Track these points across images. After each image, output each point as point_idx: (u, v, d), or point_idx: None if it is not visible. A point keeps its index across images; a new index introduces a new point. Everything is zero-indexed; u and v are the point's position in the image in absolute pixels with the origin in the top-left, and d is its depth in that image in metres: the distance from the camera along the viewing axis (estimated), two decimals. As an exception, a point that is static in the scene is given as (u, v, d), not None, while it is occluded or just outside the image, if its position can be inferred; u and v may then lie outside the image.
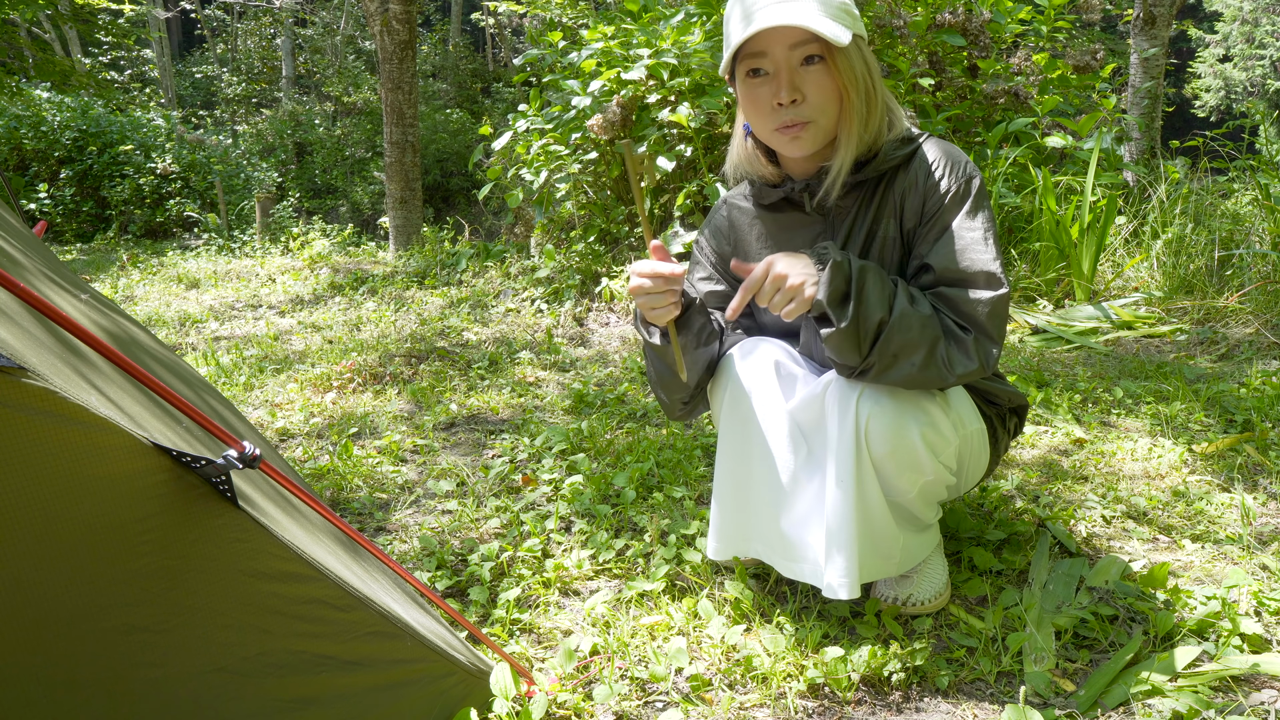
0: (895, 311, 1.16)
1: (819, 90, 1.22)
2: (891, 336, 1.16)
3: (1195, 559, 1.55)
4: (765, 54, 1.21)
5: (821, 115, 1.23)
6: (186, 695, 0.81)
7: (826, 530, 1.25)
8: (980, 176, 1.27)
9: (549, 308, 4.16)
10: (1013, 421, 1.46)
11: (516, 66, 7.75)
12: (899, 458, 1.22)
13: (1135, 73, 5.44)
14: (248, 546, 0.82)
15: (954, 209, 1.24)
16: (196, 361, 3.34)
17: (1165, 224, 3.94)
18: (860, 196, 1.31)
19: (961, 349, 1.19)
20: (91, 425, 0.69)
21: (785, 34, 1.19)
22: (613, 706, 1.21)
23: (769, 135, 1.28)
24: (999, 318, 1.21)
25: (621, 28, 4.39)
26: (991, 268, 1.21)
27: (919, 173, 1.27)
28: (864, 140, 1.26)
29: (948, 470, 1.30)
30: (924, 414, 1.23)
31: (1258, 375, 2.58)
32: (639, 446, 2.21)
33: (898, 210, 1.28)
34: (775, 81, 1.22)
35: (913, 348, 1.17)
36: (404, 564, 1.67)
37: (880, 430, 1.20)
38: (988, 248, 1.22)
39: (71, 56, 14.15)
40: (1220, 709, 1.12)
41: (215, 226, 8.16)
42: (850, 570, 1.23)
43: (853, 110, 1.23)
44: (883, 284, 1.18)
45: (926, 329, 1.17)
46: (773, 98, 1.22)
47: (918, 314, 1.17)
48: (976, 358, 1.19)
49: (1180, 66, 22.70)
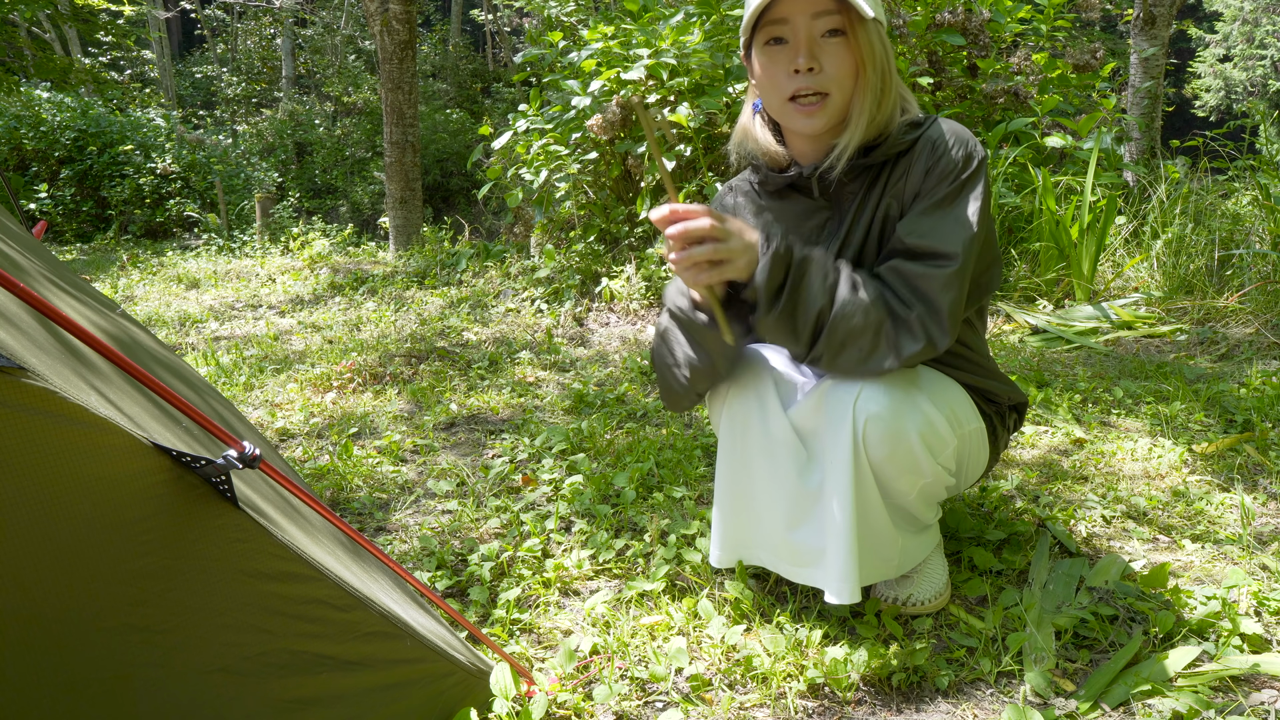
0: (837, 301, 1.16)
1: (837, 63, 1.21)
2: (836, 325, 1.16)
3: (1195, 559, 1.55)
4: (787, 21, 1.21)
5: (837, 89, 1.22)
6: (186, 695, 0.81)
7: (825, 536, 1.25)
8: (982, 155, 1.25)
9: (549, 308, 4.16)
10: (1012, 418, 1.45)
11: (516, 66, 7.75)
12: (897, 461, 1.22)
13: (1135, 73, 5.44)
14: (248, 546, 0.82)
15: (944, 184, 1.22)
16: (196, 361, 3.34)
17: (1165, 224, 3.94)
18: (866, 180, 1.29)
19: (907, 330, 1.17)
20: (91, 425, 0.69)
21: (810, 2, 1.19)
22: (613, 706, 1.21)
23: (781, 106, 1.26)
24: (953, 291, 1.18)
25: (621, 28, 4.39)
26: (955, 246, 1.18)
27: (924, 150, 1.25)
28: (876, 121, 1.24)
29: (946, 471, 1.29)
30: (922, 416, 1.22)
31: (1258, 375, 2.58)
32: (639, 446, 2.21)
33: (900, 188, 1.27)
34: (794, 49, 1.21)
35: (858, 334, 1.16)
36: (404, 564, 1.67)
37: (878, 434, 1.19)
38: (963, 225, 1.19)
39: (71, 56, 14.15)
40: (1220, 709, 1.12)
41: (215, 226, 8.16)
42: (849, 576, 1.23)
43: (868, 87, 1.22)
44: (824, 274, 1.17)
45: (870, 314, 1.16)
46: (790, 63, 1.21)
47: (859, 301, 1.16)
48: (923, 336, 1.17)
49: (1180, 66, 22.70)
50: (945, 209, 1.21)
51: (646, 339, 3.65)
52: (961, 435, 1.30)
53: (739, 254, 1.13)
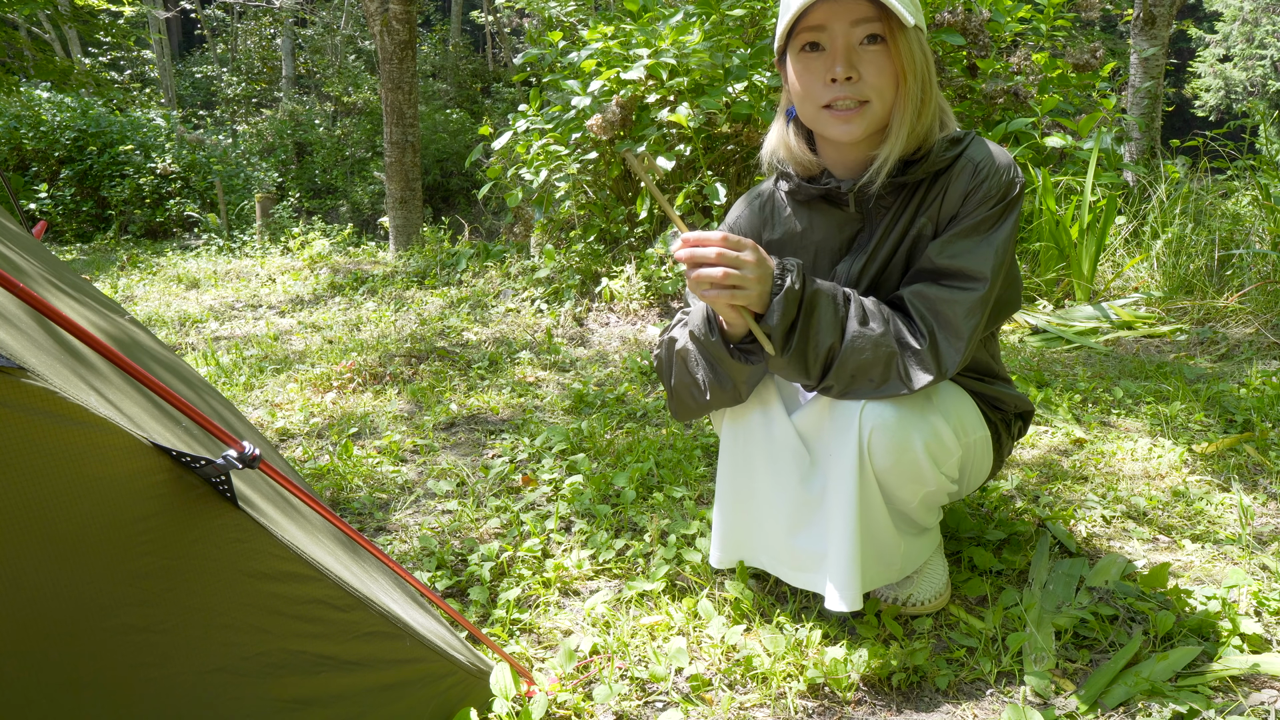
0: (847, 335, 1.15)
1: (877, 71, 1.16)
2: (846, 360, 1.15)
3: (1195, 559, 1.55)
4: (824, 28, 1.17)
5: (877, 97, 1.17)
6: (186, 695, 0.81)
7: (827, 542, 1.25)
8: (1023, 182, 1.22)
9: (549, 308, 4.16)
10: (1017, 426, 1.44)
11: (516, 66, 7.75)
12: (901, 471, 1.21)
13: (1135, 73, 5.44)
14: (247, 547, 0.82)
15: (983, 209, 1.20)
16: (196, 361, 3.33)
17: (1165, 224, 3.94)
18: (903, 196, 1.26)
19: (918, 361, 1.17)
20: (91, 425, 0.69)
21: (848, 9, 1.15)
22: (613, 706, 1.21)
23: (815, 114, 1.21)
24: (976, 316, 1.18)
25: (621, 27, 4.39)
26: (985, 269, 1.18)
27: (964, 172, 1.22)
28: (916, 133, 1.20)
29: (949, 480, 1.29)
30: (928, 426, 1.21)
31: (1258, 375, 2.58)
32: (639, 446, 2.21)
33: (936, 209, 1.24)
34: (831, 57, 1.17)
35: (868, 367, 1.16)
36: (404, 564, 1.67)
37: (883, 444, 1.19)
38: (996, 251, 1.19)
39: (71, 56, 14.15)
40: (1220, 709, 1.12)
41: (215, 226, 8.16)
42: (852, 584, 1.23)
43: (908, 97, 1.18)
44: (834, 308, 1.16)
45: (880, 348, 1.15)
46: (826, 72, 1.17)
47: (869, 334, 1.15)
48: (934, 368, 1.17)
49: (1180, 66, 22.70)
50: (982, 234, 1.20)
51: (646, 339, 3.65)
52: (966, 444, 1.29)
53: (754, 282, 1.11)
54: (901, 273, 1.27)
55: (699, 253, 1.09)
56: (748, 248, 1.11)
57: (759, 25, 4.53)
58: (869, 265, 1.28)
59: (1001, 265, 1.19)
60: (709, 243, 1.10)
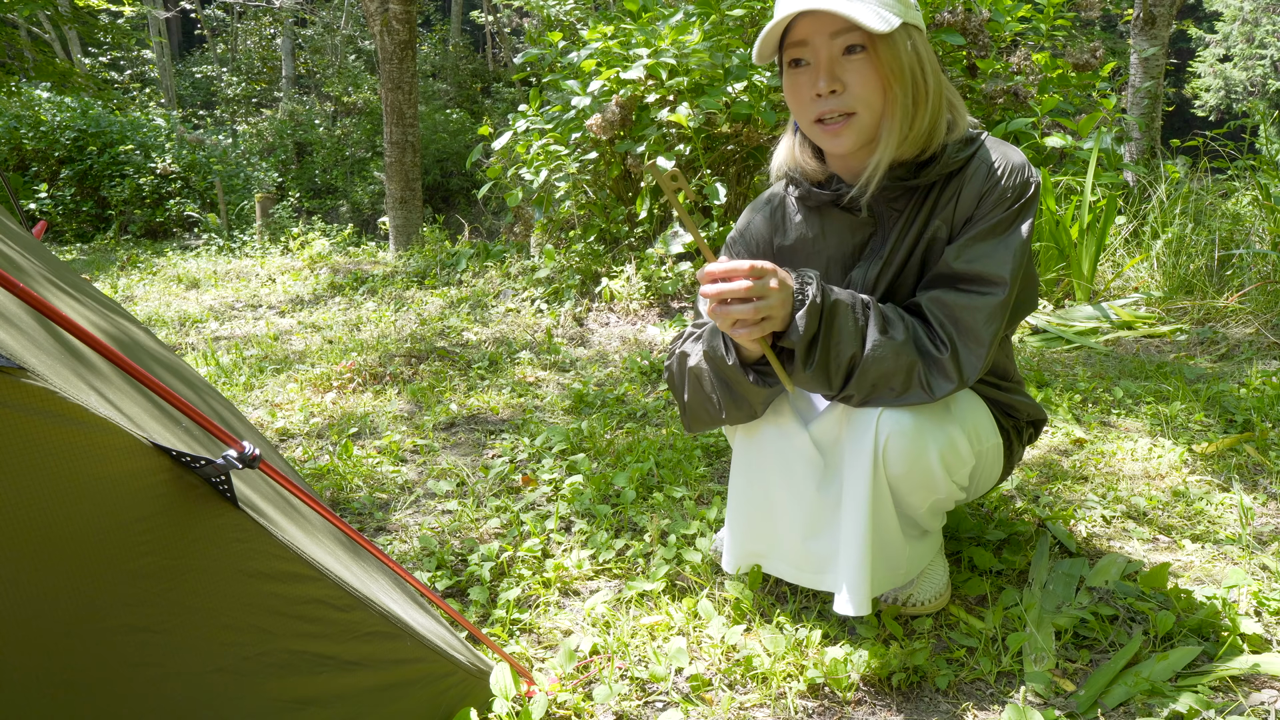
0: (868, 344, 1.15)
1: (861, 81, 1.16)
2: (868, 369, 1.15)
3: (1195, 559, 1.55)
4: (806, 43, 1.17)
5: (863, 107, 1.17)
6: (186, 695, 0.81)
7: (839, 547, 1.25)
8: (1038, 181, 1.21)
9: (549, 308, 4.16)
10: (1028, 433, 1.44)
11: (516, 66, 7.75)
12: (914, 478, 1.21)
13: (1135, 73, 5.44)
14: (247, 546, 0.82)
15: (999, 210, 1.19)
16: (196, 361, 3.34)
17: (1165, 224, 3.94)
18: (915, 199, 1.25)
19: (940, 370, 1.17)
20: (91, 425, 0.69)
21: (825, 22, 1.15)
22: (613, 706, 1.21)
23: (809, 128, 1.22)
24: (996, 322, 1.17)
25: (621, 27, 4.39)
26: (1004, 273, 1.17)
27: (978, 174, 1.20)
28: (915, 137, 1.19)
29: (959, 488, 1.29)
30: (944, 435, 1.21)
31: (1258, 375, 2.58)
32: (639, 446, 2.21)
33: (950, 212, 1.22)
34: (815, 70, 1.17)
35: (889, 376, 1.16)
36: (404, 564, 1.67)
37: (899, 451, 1.18)
38: (1014, 253, 1.18)
39: (71, 57, 14.15)
40: (1220, 709, 1.12)
41: (215, 226, 8.16)
42: (861, 590, 1.23)
43: (897, 103, 1.16)
44: (854, 317, 1.15)
45: (901, 356, 1.15)
46: (811, 87, 1.18)
47: (891, 342, 1.15)
48: (956, 376, 1.17)
49: (1180, 66, 22.70)
50: (999, 236, 1.19)
51: (646, 339, 3.65)
52: (979, 452, 1.29)
53: (778, 308, 1.10)
54: (917, 277, 1.26)
55: (728, 288, 1.08)
56: (769, 274, 1.10)
57: (759, 25, 4.53)
58: (884, 271, 1.27)
59: (1020, 268, 1.18)
60: (737, 275, 1.08)
